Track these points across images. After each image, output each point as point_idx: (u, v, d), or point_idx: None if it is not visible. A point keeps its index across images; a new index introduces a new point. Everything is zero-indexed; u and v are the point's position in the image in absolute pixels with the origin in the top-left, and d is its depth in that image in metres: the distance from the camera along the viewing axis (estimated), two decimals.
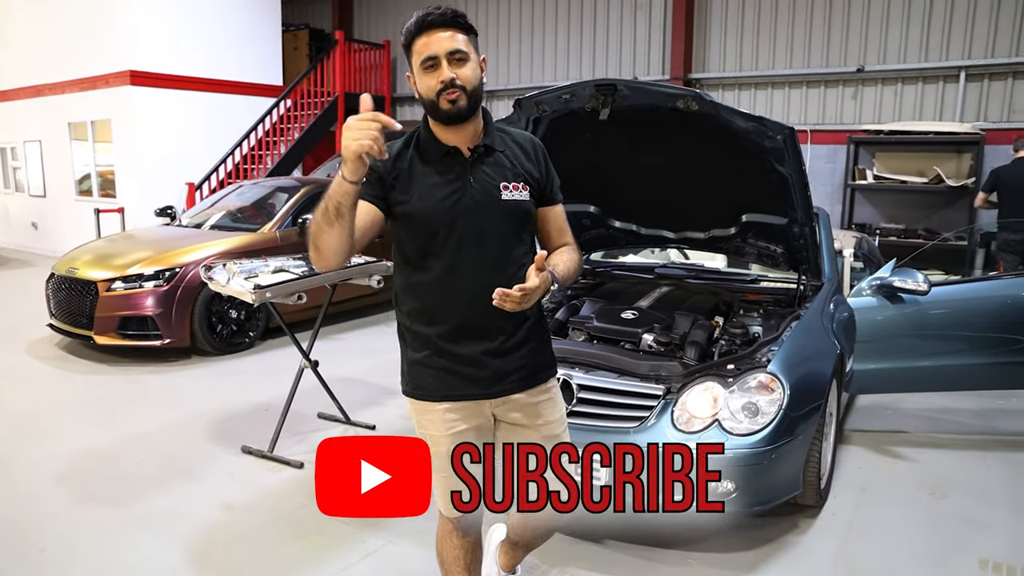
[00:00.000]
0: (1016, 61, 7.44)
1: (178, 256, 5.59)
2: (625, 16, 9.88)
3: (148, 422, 4.27)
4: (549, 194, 1.99)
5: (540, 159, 1.98)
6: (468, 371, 1.90)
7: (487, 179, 1.87)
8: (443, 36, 1.79)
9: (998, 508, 3.36)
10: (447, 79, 1.77)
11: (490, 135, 1.90)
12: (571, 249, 2.01)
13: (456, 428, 1.94)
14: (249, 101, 10.31)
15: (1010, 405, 4.70)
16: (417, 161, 1.87)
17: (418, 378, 1.95)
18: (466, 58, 1.80)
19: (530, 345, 1.96)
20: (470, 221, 1.84)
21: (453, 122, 1.82)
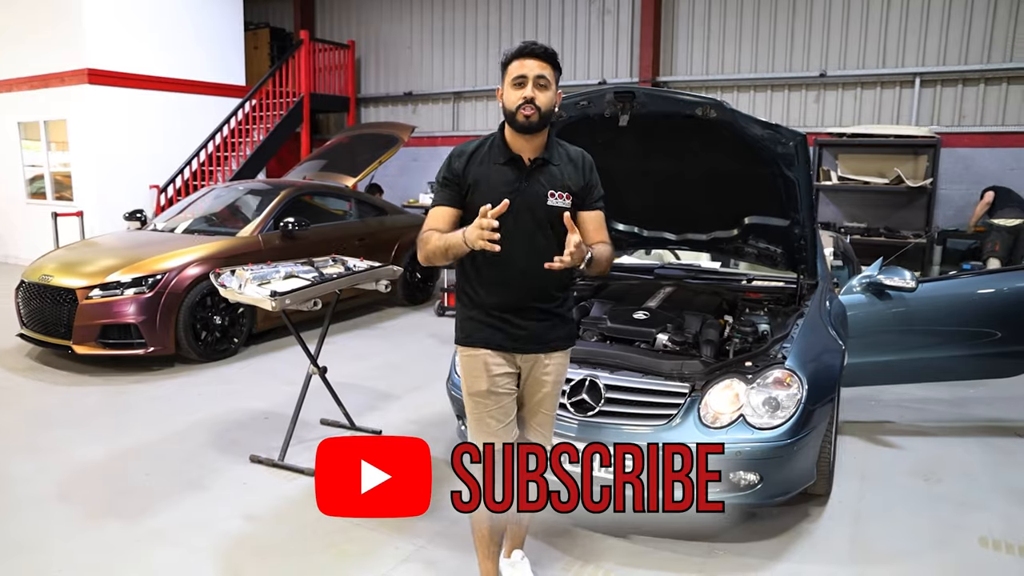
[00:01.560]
0: (965, 69, 7.85)
1: (160, 262, 5.44)
2: (593, 21, 10.02)
3: (145, 433, 4.16)
4: (589, 201, 2.42)
5: (586, 172, 2.41)
6: (508, 330, 2.38)
7: (539, 185, 2.31)
8: (537, 64, 2.25)
9: (987, 490, 3.57)
10: (529, 96, 2.23)
11: (549, 150, 2.35)
12: (605, 245, 2.40)
13: (493, 371, 2.39)
14: (211, 101, 10.09)
15: (979, 393, 4.97)
16: (488, 161, 2.33)
17: (469, 329, 2.43)
18: (548, 86, 2.26)
19: (555, 320, 2.43)
20: (521, 217, 2.27)
21: (524, 132, 2.28)
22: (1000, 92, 7.78)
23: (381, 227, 7.46)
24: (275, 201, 6.40)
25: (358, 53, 11.95)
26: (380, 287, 3.97)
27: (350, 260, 4.27)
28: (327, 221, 7.14)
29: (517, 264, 2.30)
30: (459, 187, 2.32)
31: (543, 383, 2.46)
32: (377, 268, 3.98)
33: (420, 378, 5.31)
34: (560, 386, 2.53)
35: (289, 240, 6.23)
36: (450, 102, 11.45)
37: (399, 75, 11.81)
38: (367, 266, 4.18)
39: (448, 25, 11.24)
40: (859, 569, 2.86)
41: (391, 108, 12.01)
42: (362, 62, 12.08)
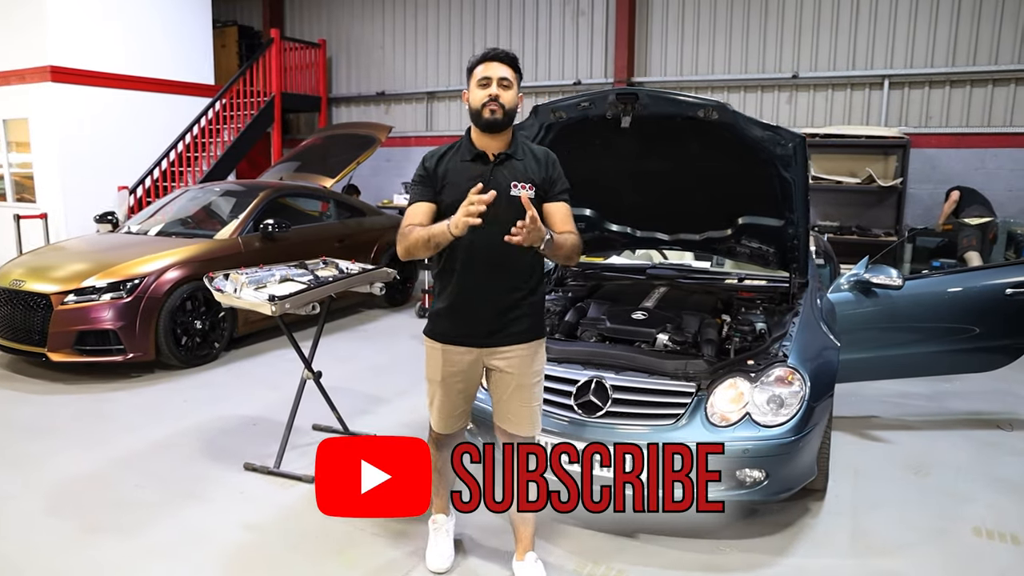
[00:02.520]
0: (931, 71, 8.07)
1: (137, 265, 5.30)
2: (568, 21, 10.05)
3: (131, 443, 4.05)
4: (553, 193, 2.54)
5: (549, 166, 2.56)
6: (472, 324, 2.51)
7: (502, 178, 2.45)
8: (500, 67, 2.45)
9: (974, 482, 3.68)
10: (493, 94, 2.41)
11: (514, 146, 2.52)
12: (572, 234, 2.52)
13: (451, 368, 2.57)
14: (179, 100, 9.85)
15: (954, 388, 5.12)
16: (456, 160, 2.51)
17: (434, 322, 2.60)
18: (511, 86, 2.45)
19: (519, 312, 2.53)
20: (486, 209, 2.29)
21: (489, 130, 2.46)
22: (964, 94, 8.02)
23: (360, 228, 7.38)
24: (254, 203, 6.29)
25: (329, 52, 11.80)
26: (375, 290, 3.92)
27: (341, 262, 4.21)
28: (306, 223, 7.05)
29: (483, 255, 2.45)
30: (432, 184, 2.49)
31: (509, 375, 2.54)
32: (371, 271, 3.93)
33: (408, 380, 5.27)
34: (534, 378, 2.59)
35: (269, 242, 6.12)
36: (423, 102, 11.37)
37: (371, 75, 11.70)
38: (359, 268, 4.13)
39: (421, 25, 11.16)
40: (862, 562, 2.92)
41: (363, 108, 11.88)
42: (333, 61, 11.93)
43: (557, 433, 3.00)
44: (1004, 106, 7.89)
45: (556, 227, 2.49)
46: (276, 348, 6.08)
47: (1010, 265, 4.37)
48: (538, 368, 2.62)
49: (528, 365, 2.57)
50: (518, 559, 2.75)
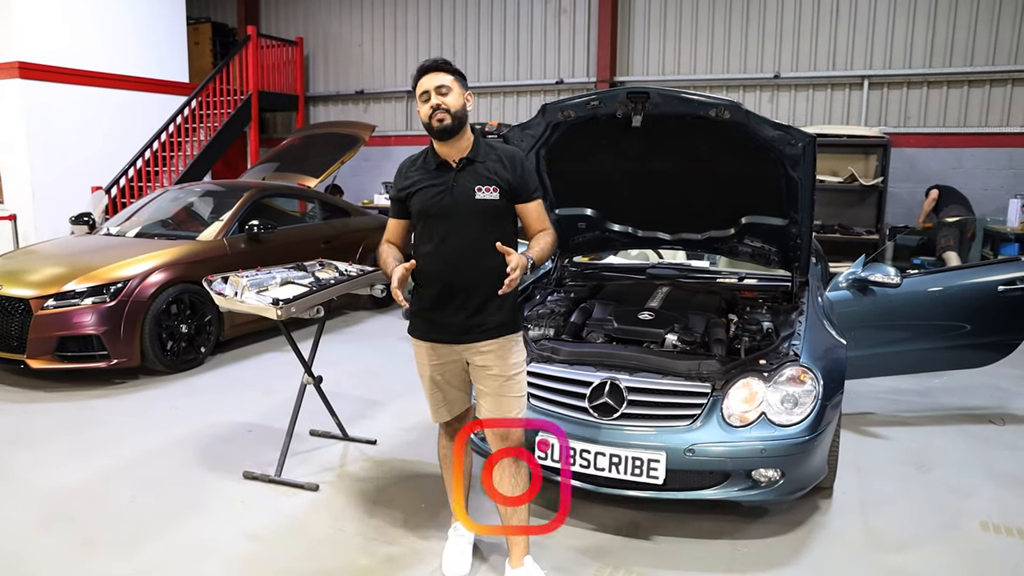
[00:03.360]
0: (909, 72, 8.21)
1: (120, 268, 5.13)
2: (549, 20, 10.03)
3: (121, 452, 3.91)
4: (524, 194, 2.59)
5: (516, 168, 2.58)
6: (445, 323, 2.58)
7: (466, 183, 2.52)
8: (434, 76, 2.49)
9: (976, 476, 3.72)
10: (435, 104, 2.46)
11: (475, 151, 2.56)
12: (546, 234, 2.61)
13: (435, 361, 2.65)
14: (153, 99, 9.62)
15: (943, 383, 5.20)
16: (421, 170, 2.59)
17: (415, 322, 2.68)
18: (450, 90, 2.48)
19: (491, 309, 2.56)
20: (452, 213, 2.50)
21: (442, 137, 2.50)
22: (941, 95, 8.18)
23: (346, 229, 7.27)
24: (239, 203, 6.14)
25: (306, 50, 11.63)
26: (376, 292, 3.84)
27: (338, 264, 4.13)
28: (290, 224, 6.91)
29: (451, 258, 2.52)
30: (403, 201, 2.61)
31: (488, 369, 2.59)
32: (372, 272, 3.84)
33: (402, 383, 5.18)
34: (513, 371, 2.61)
35: (255, 243, 5.99)
36: (403, 101, 11.27)
37: (350, 73, 11.55)
38: (358, 270, 4.04)
39: (401, 22, 11.06)
40: (878, 558, 2.93)
41: (342, 107, 11.73)
42: (311, 59, 11.76)
43: (570, 436, 2.96)
44: (979, 107, 8.06)
45: (532, 227, 2.62)
46: (264, 351, 5.95)
47: (1001, 263, 4.44)
48: (517, 361, 2.64)
49: (505, 358, 2.60)
50: (517, 565, 2.64)
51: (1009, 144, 7.96)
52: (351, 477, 3.67)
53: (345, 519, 3.21)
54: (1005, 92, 7.96)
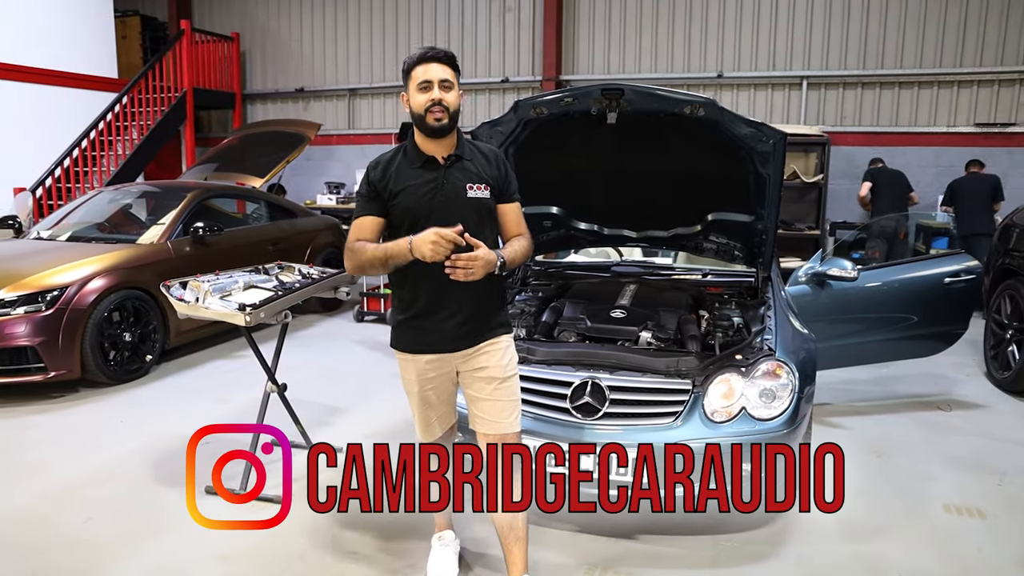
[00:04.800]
0: (845, 73, 8.53)
1: (55, 275, 4.82)
2: (494, 18, 9.98)
3: (68, 472, 3.66)
4: (507, 194, 2.51)
5: (500, 166, 2.50)
6: (435, 332, 2.44)
7: (456, 181, 2.39)
8: (438, 68, 2.34)
9: (932, 461, 3.87)
10: (436, 99, 2.31)
11: (461, 147, 2.44)
12: (522, 238, 2.51)
13: (427, 376, 2.50)
14: (80, 95, 9.11)
15: (892, 373, 5.39)
16: (404, 166, 2.41)
17: (400, 334, 2.51)
18: (452, 87, 2.35)
19: (483, 311, 2.46)
20: (442, 213, 2.32)
21: (435, 135, 2.36)
22: (875, 95, 8.52)
23: (294, 230, 7.05)
24: (182, 204, 5.87)
25: (243, 46, 11.25)
26: (340, 295, 3.72)
27: (299, 266, 3.98)
28: (236, 225, 6.65)
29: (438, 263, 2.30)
30: (380, 196, 2.39)
31: (483, 374, 2.47)
32: (336, 275, 3.71)
33: (359, 388, 5.07)
34: (508, 372, 2.51)
35: (201, 246, 5.74)
36: (345, 99, 11.03)
37: (289, 70, 11.23)
38: (319, 272, 3.90)
39: (342, 19, 10.81)
40: (855, 546, 3.00)
41: (281, 105, 11.39)
42: (248, 56, 11.38)
43: (551, 437, 2.92)
44: (909, 107, 8.43)
45: (511, 229, 2.52)
46: (212, 359, 5.71)
47: (947, 256, 4.63)
48: (511, 362, 2.53)
49: (500, 359, 2.49)
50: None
51: (936, 143, 8.35)
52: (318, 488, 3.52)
53: (318, 533, 3.08)
54: (932, 94, 8.35)
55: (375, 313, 7.15)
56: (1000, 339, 5.22)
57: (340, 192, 10.18)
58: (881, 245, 7.67)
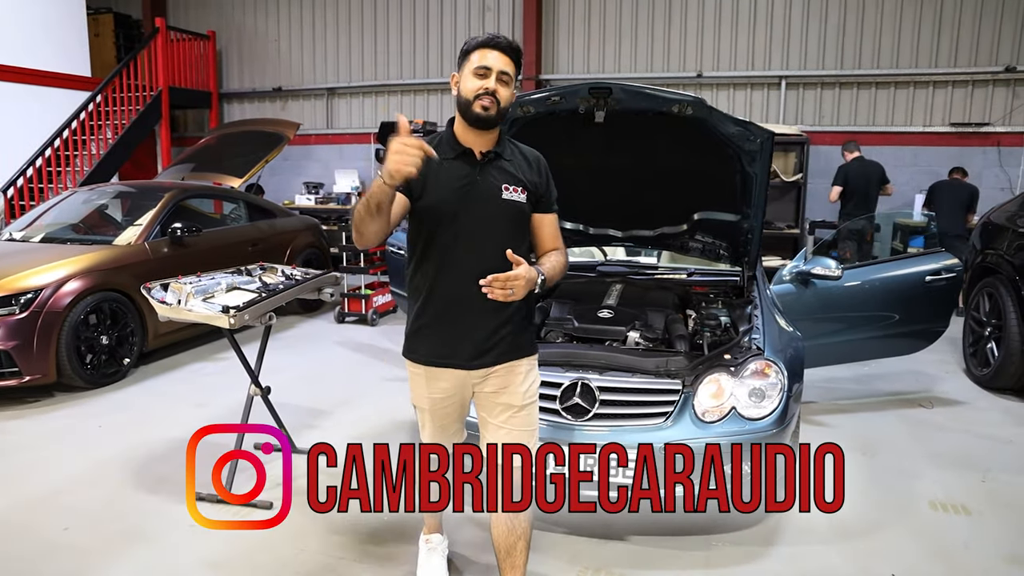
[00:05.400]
0: (823, 73, 8.61)
1: (29, 277, 4.70)
2: (473, 17, 9.94)
3: (46, 480, 3.56)
4: (545, 203, 2.32)
5: (542, 171, 2.32)
6: (455, 343, 2.22)
7: (492, 179, 2.19)
8: (501, 58, 2.15)
9: (916, 459, 3.91)
10: (491, 88, 2.12)
11: (501, 145, 2.25)
12: (559, 252, 2.35)
13: (441, 391, 2.29)
14: (52, 94, 8.90)
15: (872, 371, 5.45)
16: (439, 155, 2.13)
17: (414, 343, 2.30)
18: (509, 82, 2.17)
19: (510, 328, 2.25)
20: (472, 213, 2.16)
21: (478, 125, 2.16)
22: (852, 95, 8.61)
23: (273, 230, 6.96)
24: (160, 205, 5.76)
25: (219, 45, 11.09)
26: (324, 296, 3.67)
27: (282, 267, 3.92)
28: (214, 226, 6.54)
29: (469, 266, 2.14)
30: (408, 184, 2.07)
31: (499, 399, 2.27)
32: (321, 276, 3.66)
33: (343, 390, 5.01)
34: (528, 399, 2.31)
35: (179, 247, 5.63)
36: (323, 98, 10.91)
37: (266, 70, 11.08)
38: (302, 274, 3.84)
39: (320, 17, 10.70)
40: (846, 545, 3.01)
41: (258, 104, 11.25)
42: (224, 55, 11.21)
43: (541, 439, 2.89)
44: (885, 107, 8.54)
45: (546, 242, 2.35)
46: (191, 361, 5.61)
47: (928, 254, 4.67)
48: (532, 388, 2.33)
49: (519, 384, 2.28)
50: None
51: (913, 142, 8.46)
52: (305, 492, 3.47)
53: (306, 538, 3.03)
54: (908, 94, 8.46)
55: (356, 314, 7.08)
56: (979, 336, 5.30)
57: (319, 192, 10.08)
58: (852, 245, 7.76)
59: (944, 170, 7.96)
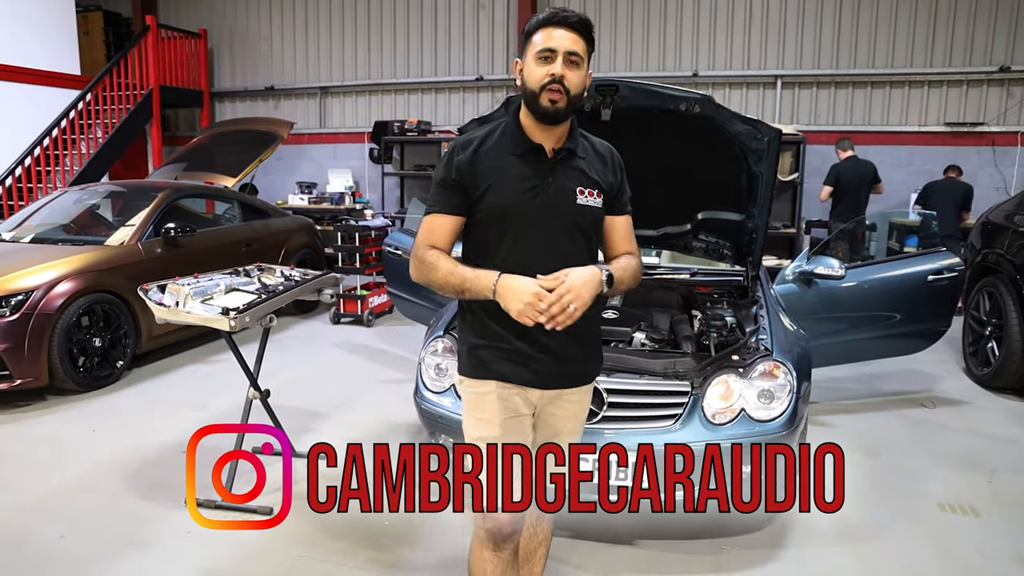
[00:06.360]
0: (818, 73, 8.60)
1: (20, 278, 4.60)
2: (468, 15, 9.88)
3: (39, 486, 3.48)
4: (619, 204, 2.05)
5: (617, 169, 2.04)
6: (523, 362, 1.95)
7: (565, 181, 1.91)
8: (568, 35, 1.85)
9: (921, 459, 3.89)
10: (557, 74, 1.82)
11: (574, 139, 1.95)
12: (632, 256, 2.06)
13: (508, 414, 1.97)
14: (40, 92, 8.77)
15: (873, 370, 5.43)
16: (501, 151, 1.91)
17: (475, 358, 1.99)
18: (580, 63, 1.86)
19: (582, 347, 2.02)
20: (542, 219, 1.89)
21: (547, 120, 1.87)
22: (847, 95, 8.61)
23: (267, 231, 6.87)
24: (153, 204, 5.67)
25: (211, 43, 10.97)
26: (324, 298, 3.61)
27: (280, 268, 3.85)
28: (207, 226, 6.45)
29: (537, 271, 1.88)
30: (463, 188, 1.90)
31: (563, 422, 2.07)
32: (321, 276, 3.60)
33: (341, 392, 4.94)
34: (582, 424, 2.16)
35: (173, 248, 5.55)
36: (316, 97, 10.82)
37: (258, 68, 10.98)
38: (301, 274, 3.78)
39: (312, 16, 10.60)
40: (856, 547, 2.99)
41: (250, 103, 11.14)
42: (215, 53, 11.10)
43: None
44: (881, 106, 8.54)
45: (618, 246, 2.06)
46: (186, 364, 5.53)
47: (930, 253, 4.65)
48: (583, 419, 2.17)
49: (583, 410, 2.12)
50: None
51: (908, 142, 8.47)
52: (304, 496, 3.40)
53: (308, 544, 2.97)
54: (903, 93, 8.46)
55: (352, 315, 7.01)
56: (979, 336, 5.30)
57: (312, 192, 10.00)
58: (846, 245, 7.74)
59: (939, 169, 7.97)
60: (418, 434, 4.02)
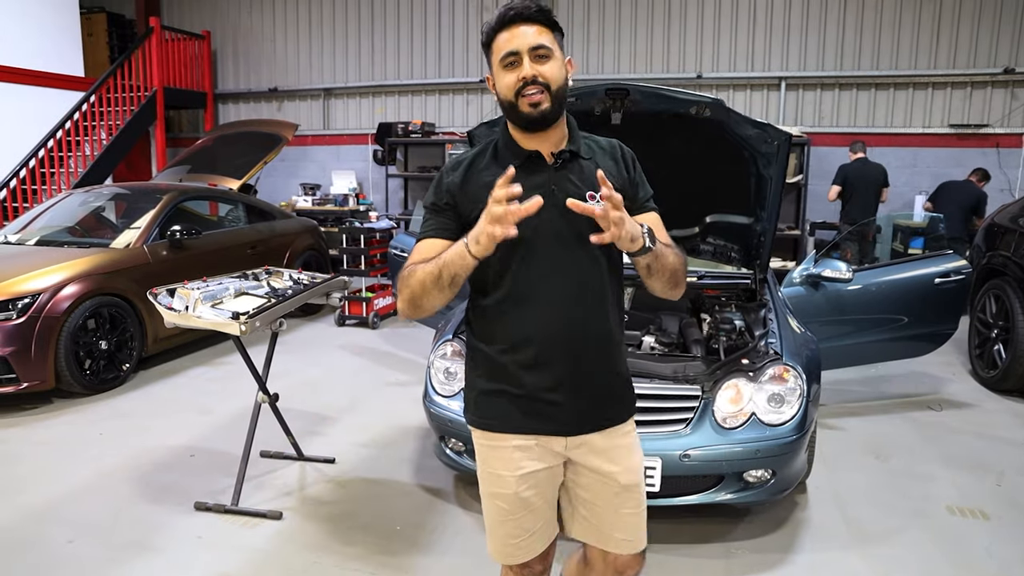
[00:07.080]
0: (822, 75, 8.59)
1: (26, 281, 4.60)
2: (472, 17, 9.87)
3: (47, 489, 3.47)
4: (639, 201, 1.77)
5: (628, 163, 1.79)
6: (542, 405, 1.70)
7: (571, 187, 1.66)
8: (527, 31, 1.64)
9: (930, 462, 3.88)
10: (528, 76, 1.61)
11: (575, 141, 1.74)
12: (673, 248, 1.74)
13: (525, 469, 1.73)
14: (45, 94, 8.77)
15: (880, 373, 5.43)
16: (494, 170, 1.65)
17: (485, 407, 1.76)
18: (550, 55, 1.65)
19: (610, 380, 1.76)
20: (550, 233, 1.65)
21: (534, 127, 1.66)
22: (852, 96, 8.60)
23: (272, 233, 6.87)
24: (159, 207, 5.67)
25: (214, 45, 10.97)
26: (332, 301, 3.60)
27: (287, 271, 3.84)
28: (211, 228, 6.45)
29: (549, 302, 1.67)
30: (456, 210, 1.70)
31: (610, 474, 1.75)
32: (330, 279, 3.59)
33: (349, 396, 4.94)
34: (640, 471, 1.80)
35: (179, 251, 5.55)
36: (320, 99, 10.81)
37: (262, 70, 10.98)
38: (309, 278, 3.78)
39: (316, 17, 10.60)
40: (866, 550, 2.97)
41: (254, 105, 11.14)
42: (219, 55, 11.10)
43: None
44: (885, 108, 8.53)
45: None
46: (192, 366, 5.53)
47: (937, 256, 4.64)
48: (640, 458, 1.82)
49: (631, 453, 1.79)
50: None
51: (913, 143, 8.45)
52: (315, 501, 3.41)
53: (319, 550, 2.96)
54: (907, 95, 8.45)
55: (357, 317, 7.00)
56: (985, 338, 5.29)
57: (316, 193, 9.99)
58: (853, 247, 7.75)
59: (944, 171, 7.97)
60: (427, 437, 4.03)
